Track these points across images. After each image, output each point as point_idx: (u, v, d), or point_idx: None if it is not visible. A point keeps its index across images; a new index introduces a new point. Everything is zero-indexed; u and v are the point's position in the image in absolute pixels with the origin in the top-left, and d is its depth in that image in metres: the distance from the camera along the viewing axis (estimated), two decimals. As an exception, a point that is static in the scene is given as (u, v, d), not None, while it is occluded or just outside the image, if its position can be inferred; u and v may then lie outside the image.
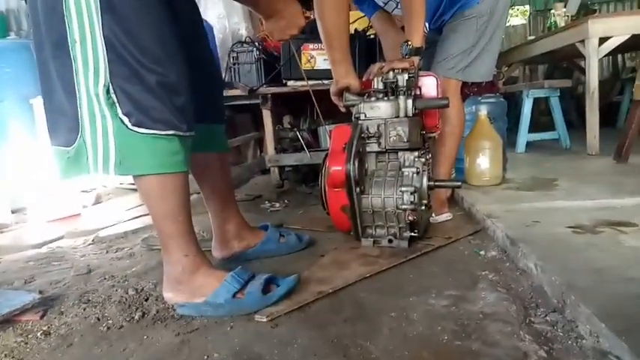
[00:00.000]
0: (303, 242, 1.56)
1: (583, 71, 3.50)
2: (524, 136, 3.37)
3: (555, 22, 3.78)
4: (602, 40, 2.86)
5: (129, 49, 1.00)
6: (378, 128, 1.49)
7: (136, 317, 1.10)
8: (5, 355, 0.96)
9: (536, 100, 3.46)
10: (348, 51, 1.58)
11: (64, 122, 1.06)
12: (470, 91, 2.37)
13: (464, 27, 1.72)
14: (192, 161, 1.21)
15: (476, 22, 1.70)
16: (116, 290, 1.27)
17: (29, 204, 2.36)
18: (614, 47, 2.90)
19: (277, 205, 2.31)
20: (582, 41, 2.93)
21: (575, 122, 4.49)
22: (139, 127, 1.02)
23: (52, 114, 1.10)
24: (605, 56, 3.16)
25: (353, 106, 1.56)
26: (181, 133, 1.07)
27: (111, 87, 1.01)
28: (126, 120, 1.01)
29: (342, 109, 1.65)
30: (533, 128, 3.45)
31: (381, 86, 1.54)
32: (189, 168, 1.16)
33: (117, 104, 1.01)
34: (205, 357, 0.91)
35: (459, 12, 1.73)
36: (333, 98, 1.66)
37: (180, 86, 1.07)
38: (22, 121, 2.58)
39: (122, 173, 1.05)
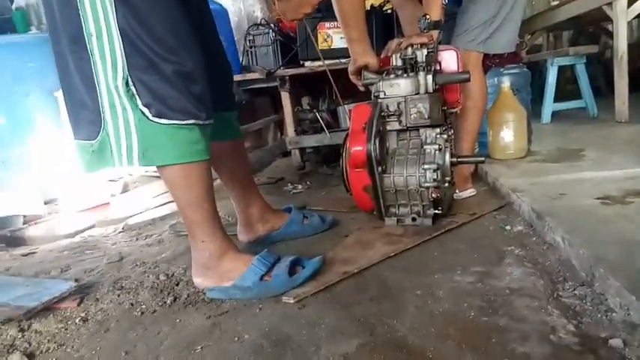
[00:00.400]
0: (326, 223, 1.57)
1: (611, 35, 3.36)
2: (549, 106, 3.27)
3: (580, -15, 3.62)
4: (631, 2, 2.74)
5: (144, 40, 1.00)
6: (398, 106, 1.48)
7: (168, 302, 1.13)
8: (48, 341, 1.01)
9: (561, 68, 3.35)
10: (365, 29, 1.55)
11: (85, 116, 1.07)
12: (492, 62, 2.30)
13: (484, -3, 1.66)
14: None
15: (496, -9, 1.65)
16: (148, 276, 1.31)
17: (60, 195, 2.44)
18: (644, 8, 2.78)
19: (299, 187, 2.33)
20: (609, 4, 2.81)
21: (603, 89, 4.33)
22: (159, 117, 1.03)
23: (74, 108, 1.11)
24: (634, 18, 3.02)
25: (372, 84, 1.55)
26: (201, 122, 1.08)
27: (129, 79, 1.02)
28: (146, 111, 1.03)
29: (361, 89, 1.64)
30: (558, 97, 3.35)
31: (399, 63, 1.52)
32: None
33: (136, 96, 1.02)
34: (236, 338, 0.94)
35: (479, -19, 1.67)
36: (352, 77, 1.64)
37: (196, 74, 1.07)
38: (47, 114, 2.64)
39: (146, 164, 1.07)
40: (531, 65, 3.13)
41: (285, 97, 2.67)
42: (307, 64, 2.60)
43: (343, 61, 2.40)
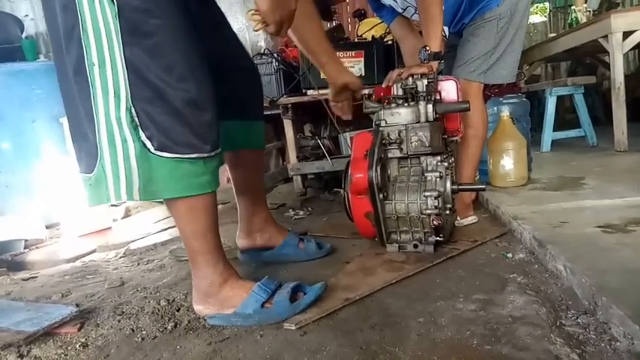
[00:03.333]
0: (323, 250, 1.56)
1: (607, 66, 3.43)
2: (548, 134, 3.31)
3: (576, 17, 3.71)
4: (627, 34, 2.80)
5: (152, 69, 0.98)
6: (399, 134, 1.50)
7: (169, 327, 1.13)
8: (47, 367, 1.00)
9: (560, 98, 3.40)
10: (332, 50, 1.54)
11: (85, 148, 1.04)
12: (491, 92, 2.35)
13: (484, 30, 1.70)
14: (231, 157, 1.23)
15: (496, 24, 1.68)
16: (149, 302, 1.30)
17: (61, 219, 2.44)
18: (639, 41, 2.84)
19: (301, 212, 2.33)
20: (605, 36, 2.88)
21: (602, 118, 4.39)
22: (161, 151, 1.00)
23: (77, 140, 1.08)
24: (630, 50, 3.09)
25: (373, 113, 1.57)
26: (205, 155, 1.05)
27: (133, 110, 0.99)
28: (148, 144, 1.00)
29: (346, 117, 1.66)
30: (558, 126, 3.39)
31: (400, 92, 1.55)
32: (227, 163, 1.17)
33: (139, 127, 0.99)
34: (237, 365, 0.93)
35: (479, 15, 1.71)
36: (333, 105, 1.64)
37: (205, 102, 1.05)
38: (53, 140, 2.67)
39: (147, 199, 1.05)
40: (530, 95, 3.18)
41: (288, 125, 2.70)
42: (309, 92, 2.64)
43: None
